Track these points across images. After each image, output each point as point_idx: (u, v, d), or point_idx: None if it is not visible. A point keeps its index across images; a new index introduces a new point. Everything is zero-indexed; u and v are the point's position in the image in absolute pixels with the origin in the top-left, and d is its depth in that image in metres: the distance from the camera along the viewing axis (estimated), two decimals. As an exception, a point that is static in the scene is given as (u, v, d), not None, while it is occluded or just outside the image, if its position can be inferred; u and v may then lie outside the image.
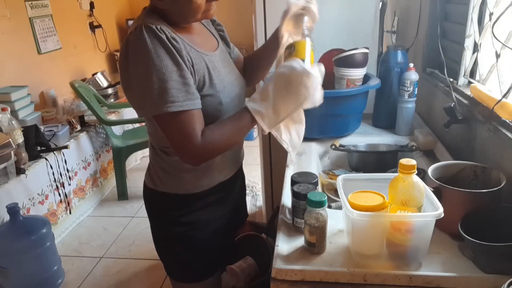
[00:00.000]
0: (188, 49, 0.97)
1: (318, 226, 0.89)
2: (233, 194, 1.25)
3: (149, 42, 0.89)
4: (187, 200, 1.13)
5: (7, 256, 1.94)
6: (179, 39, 0.96)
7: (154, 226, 1.22)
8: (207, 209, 1.16)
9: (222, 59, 1.09)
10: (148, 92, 0.90)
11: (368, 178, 1.02)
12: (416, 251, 0.87)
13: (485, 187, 0.97)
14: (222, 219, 1.21)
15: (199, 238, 1.17)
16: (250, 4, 1.99)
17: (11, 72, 2.79)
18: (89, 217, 2.91)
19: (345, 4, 1.79)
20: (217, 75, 1.02)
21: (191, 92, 0.93)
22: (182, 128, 0.93)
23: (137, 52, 0.90)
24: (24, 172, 2.23)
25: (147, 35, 0.90)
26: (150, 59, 0.89)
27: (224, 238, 1.25)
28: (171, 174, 1.11)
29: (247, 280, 1.22)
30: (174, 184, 1.12)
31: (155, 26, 0.91)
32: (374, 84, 1.50)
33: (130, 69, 0.92)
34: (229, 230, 1.28)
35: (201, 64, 0.99)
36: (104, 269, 2.36)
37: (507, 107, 1.03)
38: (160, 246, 1.23)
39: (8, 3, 2.76)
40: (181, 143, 0.96)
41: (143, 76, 0.90)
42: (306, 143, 1.51)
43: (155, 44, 0.89)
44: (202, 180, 1.12)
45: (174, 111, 0.91)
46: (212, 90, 1.00)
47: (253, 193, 3.09)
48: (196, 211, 1.14)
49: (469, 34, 1.34)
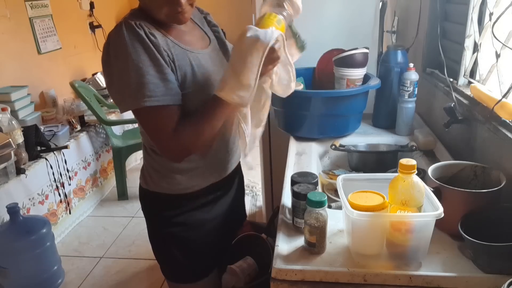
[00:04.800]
0: (171, 45, 0.98)
1: (318, 226, 0.89)
2: (228, 195, 1.24)
3: (127, 38, 0.91)
4: (179, 200, 1.13)
5: (7, 256, 1.94)
6: (160, 35, 0.97)
7: (149, 226, 1.22)
8: (200, 210, 1.16)
9: (212, 58, 1.09)
10: (127, 87, 0.92)
11: (368, 178, 1.02)
12: (416, 251, 0.87)
13: (485, 187, 0.97)
14: (217, 220, 1.21)
15: (192, 238, 1.17)
16: (250, 4, 1.99)
17: (11, 72, 2.79)
18: (89, 217, 2.91)
19: (345, 4, 1.79)
20: (203, 72, 1.03)
21: (169, 88, 0.94)
22: (159, 123, 0.95)
23: (116, 48, 0.92)
24: (24, 172, 2.23)
25: (126, 31, 0.92)
26: (128, 54, 0.91)
27: (219, 239, 1.24)
28: (162, 173, 1.11)
29: (247, 280, 1.22)
30: (166, 184, 1.12)
31: (135, 22, 0.93)
32: (374, 84, 1.50)
33: (111, 65, 0.94)
34: (225, 231, 1.27)
35: (185, 60, 0.99)
36: (104, 269, 2.35)
37: (507, 107, 1.03)
38: (155, 247, 1.23)
39: (8, 3, 2.76)
40: (158, 138, 0.97)
41: (122, 71, 0.92)
42: (306, 143, 1.52)
43: (132, 40, 0.91)
44: (193, 181, 1.11)
45: (151, 106, 0.92)
46: (196, 86, 1.00)
47: (253, 193, 3.08)
48: (189, 211, 1.14)
49: (469, 34, 1.34)
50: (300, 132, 1.55)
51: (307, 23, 1.80)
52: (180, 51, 0.99)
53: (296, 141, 1.55)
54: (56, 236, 2.45)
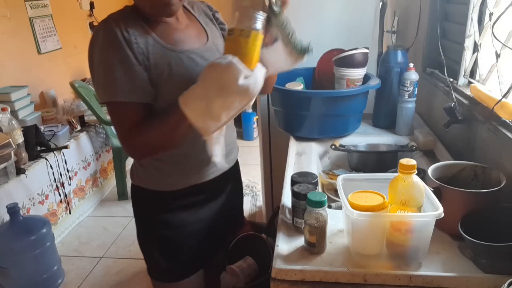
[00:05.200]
0: (150, 44, 0.97)
1: (318, 226, 0.89)
2: (217, 200, 1.22)
3: (102, 35, 0.94)
4: (162, 198, 1.13)
5: (7, 256, 1.94)
6: (142, 32, 0.97)
7: (135, 223, 1.23)
8: (183, 211, 1.15)
9: (206, 57, 1.05)
10: (100, 81, 0.96)
11: (368, 178, 1.02)
12: (416, 251, 0.87)
13: (485, 187, 0.97)
14: (203, 223, 1.19)
15: (173, 238, 1.16)
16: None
17: (11, 72, 2.79)
18: (89, 217, 2.91)
19: (345, 4, 1.79)
20: (183, 73, 1.00)
21: (136, 86, 0.95)
22: (121, 118, 0.97)
23: (93, 44, 0.96)
24: (24, 172, 2.23)
25: (104, 28, 0.95)
26: (101, 50, 0.94)
27: (205, 242, 1.22)
28: (144, 168, 1.12)
29: (247, 280, 1.22)
30: (146, 179, 1.13)
31: (114, 19, 0.95)
32: (374, 84, 1.50)
33: (90, 60, 0.98)
34: (214, 235, 1.24)
35: (163, 59, 0.98)
36: (104, 269, 2.36)
37: (507, 107, 1.03)
38: (139, 243, 1.24)
39: (8, 3, 2.76)
40: (119, 133, 0.99)
41: (97, 65, 0.96)
42: (306, 143, 1.52)
43: (107, 37, 0.94)
44: (168, 179, 1.11)
45: (115, 101, 0.95)
46: (172, 86, 0.98)
47: (253, 193, 3.08)
48: (172, 211, 1.14)
49: (469, 34, 1.34)
50: (300, 132, 1.55)
51: (307, 23, 1.80)
52: (160, 50, 0.98)
53: (296, 141, 1.55)
54: (56, 236, 2.46)
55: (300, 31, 1.03)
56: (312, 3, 1.80)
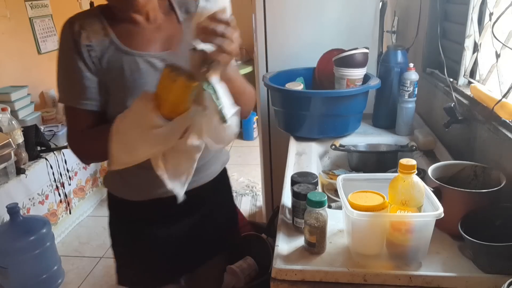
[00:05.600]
0: (106, 46, 0.93)
1: (318, 226, 0.89)
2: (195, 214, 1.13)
3: (59, 37, 0.96)
4: (127, 206, 1.08)
5: (7, 256, 1.94)
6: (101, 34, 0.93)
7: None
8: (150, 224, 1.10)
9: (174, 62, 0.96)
10: (57, 82, 0.98)
11: (368, 178, 1.02)
12: (416, 251, 0.87)
13: (485, 187, 0.97)
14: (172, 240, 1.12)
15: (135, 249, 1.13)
16: (250, 4, 1.99)
17: (11, 72, 2.79)
18: (89, 217, 2.91)
19: (345, 4, 1.79)
20: (137, 78, 0.94)
21: (79, 91, 0.94)
22: (70, 123, 0.99)
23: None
24: (24, 172, 2.23)
25: (63, 29, 0.95)
26: (58, 53, 0.96)
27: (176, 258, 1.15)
28: (111, 173, 1.10)
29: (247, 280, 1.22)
30: (112, 185, 1.11)
31: (70, 21, 0.95)
32: (374, 84, 1.50)
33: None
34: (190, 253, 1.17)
35: (116, 63, 0.94)
36: (104, 269, 2.35)
37: (507, 107, 1.03)
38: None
39: (8, 3, 2.76)
40: (67, 137, 1.01)
41: (57, 66, 0.97)
42: (306, 143, 1.52)
43: (61, 40, 0.95)
44: (126, 188, 1.06)
45: (66, 105, 0.97)
46: (123, 92, 0.94)
47: (253, 193, 3.09)
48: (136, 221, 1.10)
49: (469, 34, 1.34)
50: (300, 132, 1.55)
51: (307, 23, 1.80)
52: (114, 53, 0.94)
53: (296, 141, 1.54)
54: (56, 236, 2.45)
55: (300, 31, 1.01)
56: (312, 3, 1.80)
